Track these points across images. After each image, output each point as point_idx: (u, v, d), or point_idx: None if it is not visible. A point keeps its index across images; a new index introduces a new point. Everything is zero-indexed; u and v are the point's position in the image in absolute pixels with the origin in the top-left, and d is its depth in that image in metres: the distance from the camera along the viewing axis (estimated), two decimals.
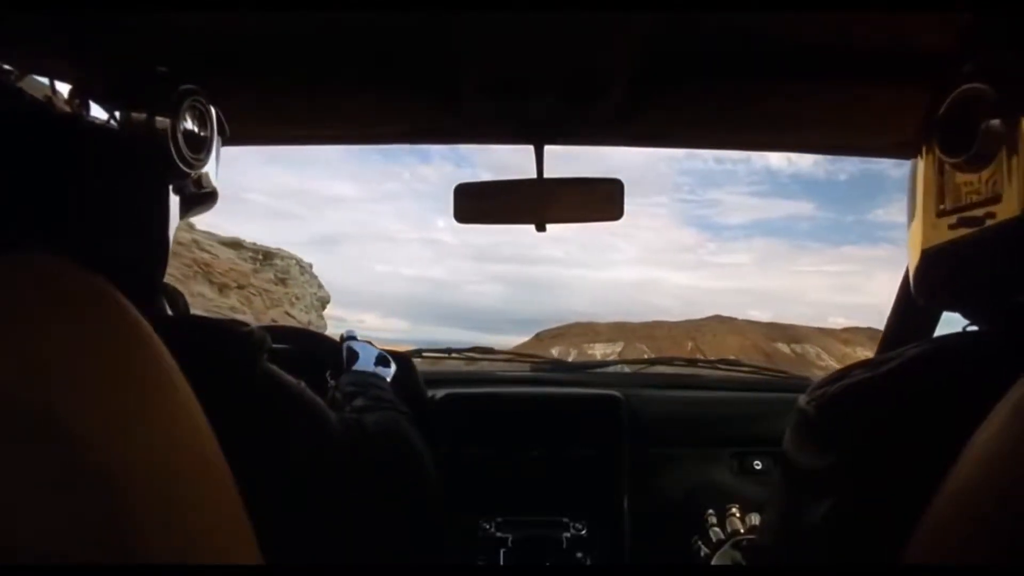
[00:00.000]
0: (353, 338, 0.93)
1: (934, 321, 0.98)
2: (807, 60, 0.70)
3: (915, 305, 0.98)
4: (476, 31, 0.65)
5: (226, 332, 0.53)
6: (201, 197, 0.61)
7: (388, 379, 0.87)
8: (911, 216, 0.51)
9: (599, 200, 0.91)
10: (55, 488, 0.28)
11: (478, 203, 0.92)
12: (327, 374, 0.90)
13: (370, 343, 0.94)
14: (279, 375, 0.55)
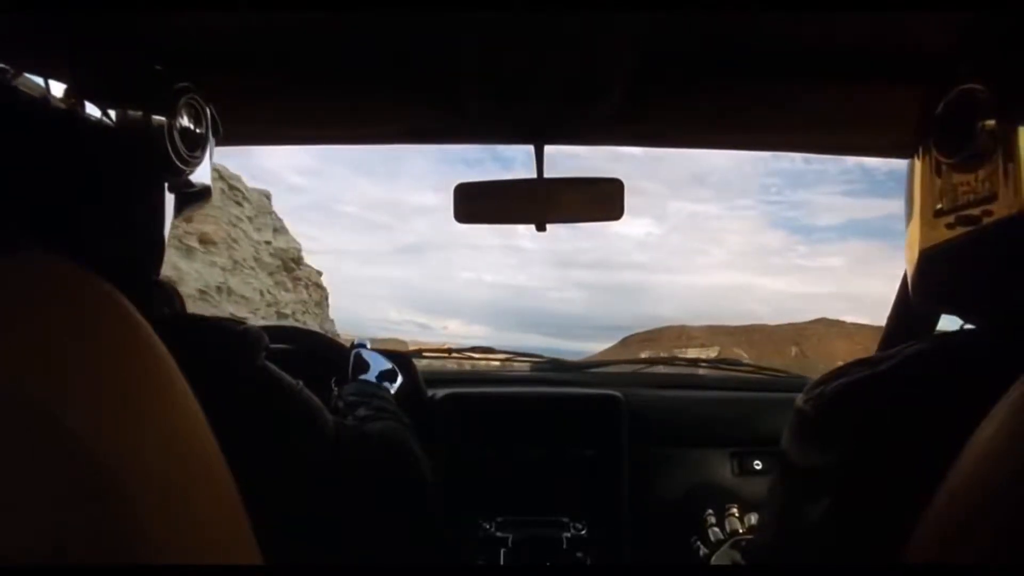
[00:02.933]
0: (363, 347, 0.93)
1: (934, 320, 0.98)
2: (807, 60, 0.70)
3: (913, 307, 0.99)
4: (476, 31, 0.65)
5: (222, 330, 0.53)
6: (194, 194, 0.61)
7: (392, 392, 0.87)
8: (908, 216, 0.51)
9: (599, 200, 0.90)
10: (55, 488, 0.28)
11: (478, 203, 0.92)
12: (332, 381, 0.89)
13: (379, 353, 0.93)
14: (276, 373, 0.55)
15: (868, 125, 0.86)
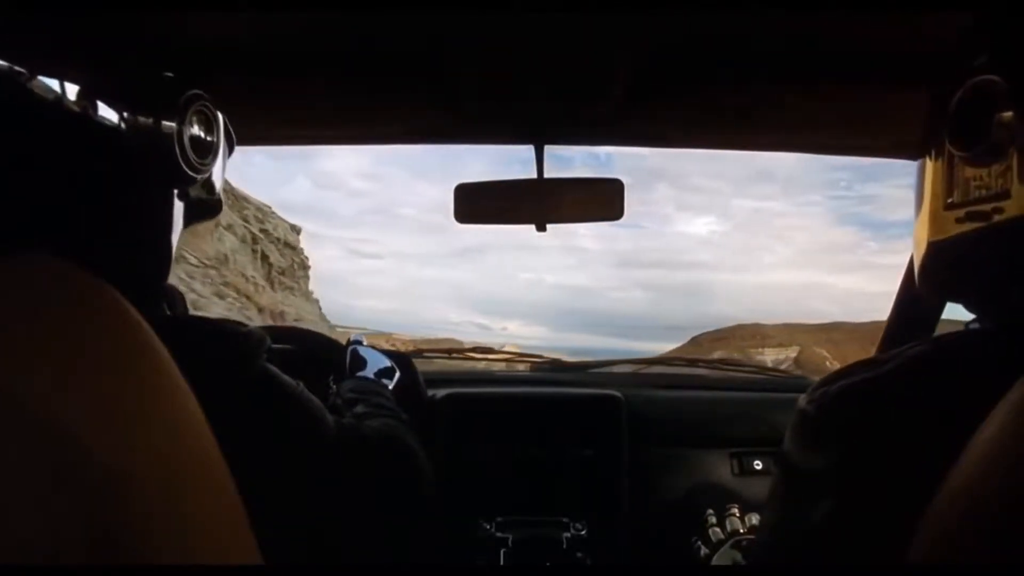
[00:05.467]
0: (359, 343, 0.93)
1: (935, 318, 0.98)
2: (807, 60, 0.70)
3: (917, 302, 0.99)
4: (476, 31, 0.65)
5: (224, 332, 0.53)
6: (205, 206, 0.61)
7: (390, 388, 0.87)
8: (917, 211, 0.51)
9: (599, 200, 0.91)
10: (56, 489, 0.28)
11: (478, 203, 0.92)
12: (330, 379, 0.89)
13: (375, 349, 0.93)
14: (277, 375, 0.55)
15: (871, 125, 0.87)
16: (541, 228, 0.92)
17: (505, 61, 0.71)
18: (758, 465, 1.05)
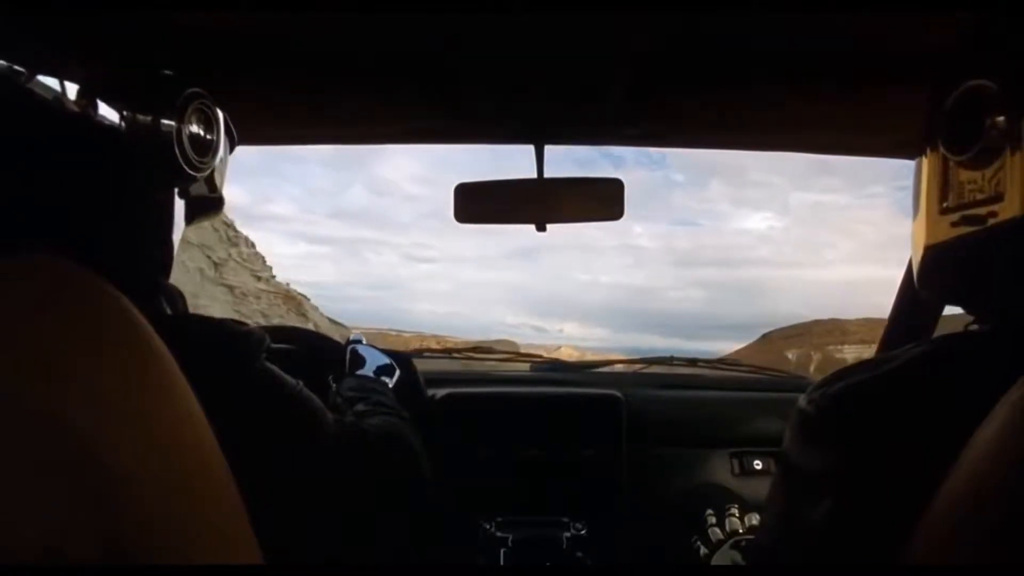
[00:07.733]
0: (359, 342, 0.93)
1: (935, 319, 0.98)
2: (807, 60, 0.70)
3: (917, 303, 0.99)
4: (477, 32, 0.65)
5: (225, 331, 0.53)
6: (207, 204, 0.61)
7: (390, 386, 0.87)
8: (915, 212, 0.51)
9: (600, 200, 0.91)
10: (57, 488, 0.28)
11: (478, 203, 0.92)
12: (329, 377, 0.89)
13: (375, 348, 0.94)
14: (277, 374, 0.55)
15: (871, 125, 0.87)
16: (541, 228, 0.92)
17: (505, 61, 0.71)
18: (758, 465, 1.05)
